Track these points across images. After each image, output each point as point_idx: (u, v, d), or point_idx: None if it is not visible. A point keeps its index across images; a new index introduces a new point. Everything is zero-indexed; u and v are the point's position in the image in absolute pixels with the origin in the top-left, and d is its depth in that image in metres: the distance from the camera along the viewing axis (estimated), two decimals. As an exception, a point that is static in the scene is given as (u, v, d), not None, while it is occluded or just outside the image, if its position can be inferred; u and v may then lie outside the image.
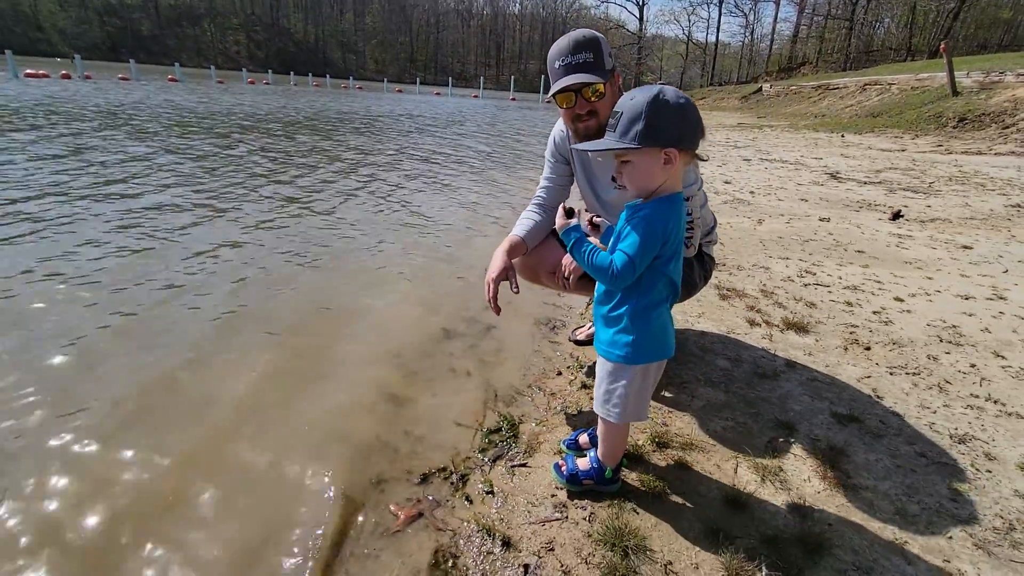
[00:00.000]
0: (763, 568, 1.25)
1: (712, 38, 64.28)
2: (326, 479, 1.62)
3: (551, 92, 1.67)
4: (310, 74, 50.43)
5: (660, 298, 1.25)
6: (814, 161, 9.03)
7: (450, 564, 1.32)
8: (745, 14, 61.35)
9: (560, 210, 1.33)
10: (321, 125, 12.59)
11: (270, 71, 47.26)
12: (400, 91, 48.30)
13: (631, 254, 1.17)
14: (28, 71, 23.30)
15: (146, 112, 12.23)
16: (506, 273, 1.77)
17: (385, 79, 55.22)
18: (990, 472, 1.61)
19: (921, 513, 1.44)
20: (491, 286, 1.73)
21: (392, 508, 1.52)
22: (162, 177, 5.53)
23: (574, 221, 1.30)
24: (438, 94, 48.36)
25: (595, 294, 1.36)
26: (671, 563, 1.28)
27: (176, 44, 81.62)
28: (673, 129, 1.16)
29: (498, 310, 1.73)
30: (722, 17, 61.73)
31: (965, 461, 1.66)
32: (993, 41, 39.62)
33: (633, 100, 1.16)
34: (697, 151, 1.24)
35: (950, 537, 1.36)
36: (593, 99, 1.63)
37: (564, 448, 1.69)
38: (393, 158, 8.17)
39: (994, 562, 1.29)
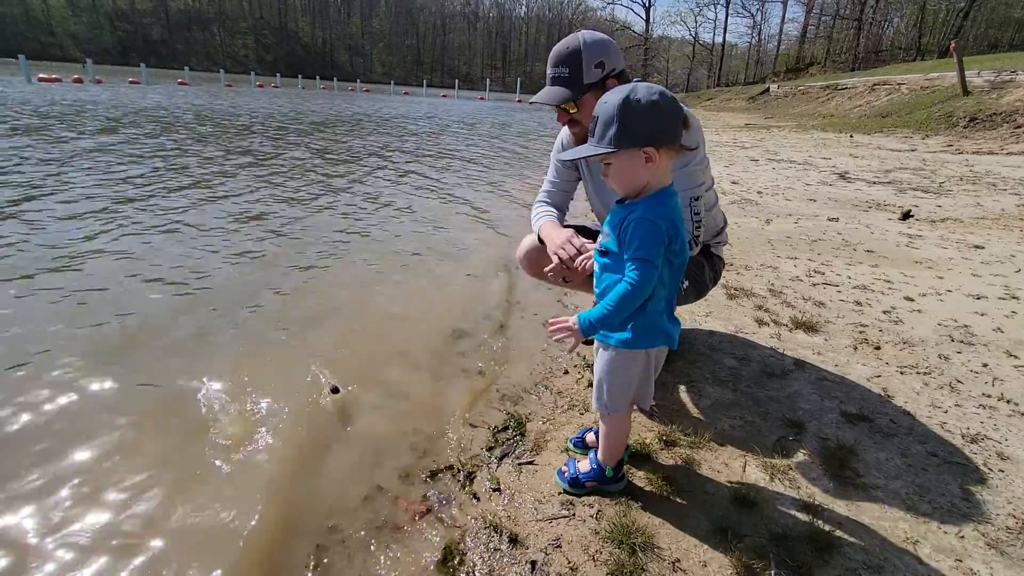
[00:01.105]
0: (772, 566, 1.24)
1: (719, 39, 64.10)
2: (334, 476, 1.63)
3: (531, 100, 1.73)
4: (318, 77, 50.85)
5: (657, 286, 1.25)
6: (822, 161, 8.97)
7: (458, 560, 1.32)
8: (752, 15, 61.11)
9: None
10: (343, 126, 12.66)
11: (278, 75, 47.57)
12: (407, 93, 48.49)
13: (641, 255, 1.17)
14: (41, 75, 23.60)
15: (190, 115, 12.43)
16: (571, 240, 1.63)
17: (392, 82, 55.45)
18: (1003, 472, 1.59)
19: (933, 512, 1.43)
20: (563, 255, 1.59)
21: (400, 504, 1.52)
22: (247, 178, 5.59)
23: (571, 318, 1.26)
24: (444, 96, 48.50)
25: (596, 288, 1.36)
26: (679, 560, 1.27)
27: (185, 48, 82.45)
28: (648, 127, 1.14)
29: (574, 274, 1.60)
30: (729, 18, 61.37)
31: (978, 460, 1.64)
32: (1004, 40, 39.19)
33: (606, 104, 1.16)
34: (684, 143, 1.22)
35: (962, 536, 1.35)
36: (572, 112, 1.67)
37: (571, 446, 1.69)
38: (419, 156, 8.21)
39: (1007, 561, 1.28)
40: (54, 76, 24.25)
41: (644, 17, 62.61)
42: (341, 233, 4.13)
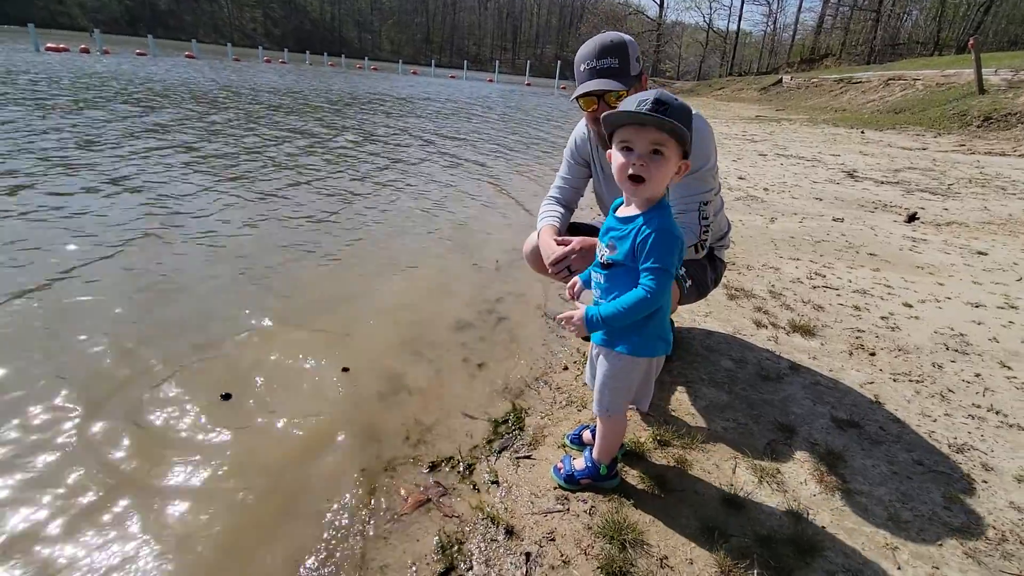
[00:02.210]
0: (755, 567, 1.30)
1: (733, 26, 63.00)
2: (335, 464, 1.69)
3: (575, 95, 1.70)
4: (325, 54, 50.23)
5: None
6: (831, 158, 8.91)
7: (455, 549, 1.38)
8: (768, 2, 59.93)
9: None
10: (363, 105, 12.60)
11: (286, 50, 47.11)
12: (416, 73, 47.99)
13: (662, 265, 1.19)
14: (49, 45, 23.45)
15: (228, 92, 12.34)
16: (564, 256, 1.71)
17: (400, 60, 54.74)
18: (986, 483, 1.64)
19: (914, 520, 1.48)
20: (555, 270, 1.72)
21: (401, 493, 1.58)
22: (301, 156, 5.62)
23: (578, 309, 1.30)
24: (453, 77, 48.01)
25: (595, 293, 1.38)
26: (667, 557, 1.33)
27: (193, 20, 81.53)
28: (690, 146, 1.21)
29: (568, 290, 1.61)
30: (744, 5, 60.40)
31: (962, 470, 1.69)
32: (1025, 37, 38.39)
33: (679, 102, 1.17)
34: None
35: (941, 545, 1.40)
36: (615, 105, 1.66)
37: (568, 443, 1.74)
38: (430, 140, 8.19)
39: (983, 571, 1.33)
40: (62, 45, 24.09)
41: (658, 1, 61.49)
42: (355, 217, 4.16)
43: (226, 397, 1.97)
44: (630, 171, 1.19)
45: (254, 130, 7.95)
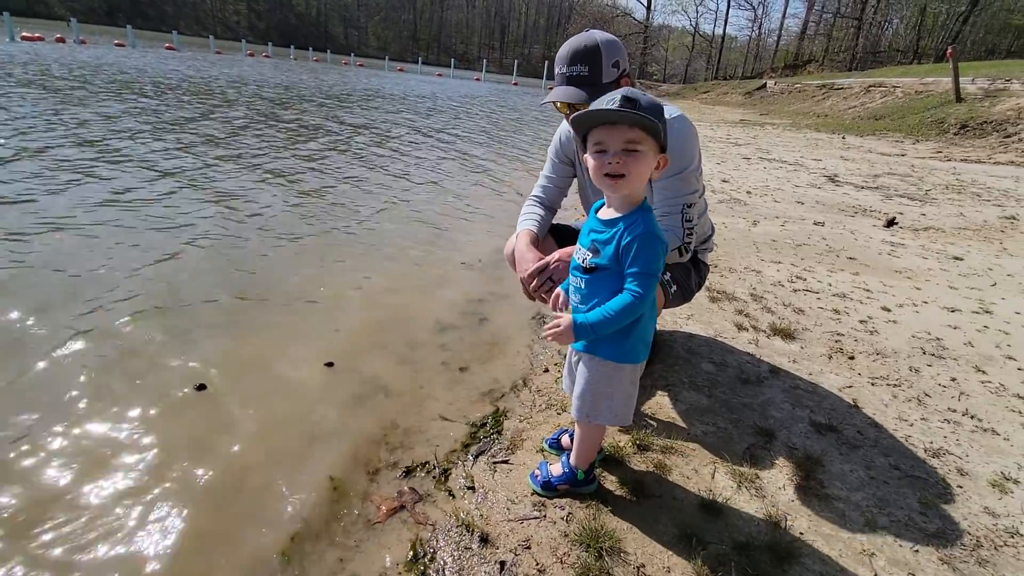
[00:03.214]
0: (732, 573, 1.28)
1: (719, 31, 63.73)
2: (309, 468, 1.64)
3: (544, 100, 1.68)
4: (311, 48, 49.60)
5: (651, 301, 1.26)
6: (813, 162, 9.03)
7: (428, 558, 1.34)
8: (753, 7, 60.68)
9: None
10: (359, 101, 12.43)
11: (270, 44, 46.45)
12: (402, 70, 47.64)
13: (649, 270, 1.17)
14: (24, 34, 22.83)
15: (229, 87, 12.04)
16: (546, 266, 1.65)
17: (387, 57, 54.28)
18: (961, 487, 1.65)
19: (890, 525, 1.48)
20: (531, 281, 1.64)
21: (374, 500, 1.54)
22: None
23: (565, 317, 1.25)
24: (440, 75, 47.75)
25: (573, 299, 1.35)
26: (644, 566, 1.31)
27: (174, 11, 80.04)
28: (665, 140, 1.19)
29: (545, 300, 1.62)
30: (730, 10, 60.93)
31: (938, 475, 1.70)
32: (1002, 47, 39.44)
33: (647, 97, 1.16)
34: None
35: (916, 551, 1.40)
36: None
37: (546, 447, 1.71)
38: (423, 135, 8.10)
39: (957, 577, 1.33)
40: (36, 35, 23.47)
41: (645, 4, 61.84)
42: (343, 211, 4.09)
43: (200, 388, 1.93)
44: (605, 170, 1.17)
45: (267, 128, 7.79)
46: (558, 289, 1.43)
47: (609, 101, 1.13)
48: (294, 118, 9.25)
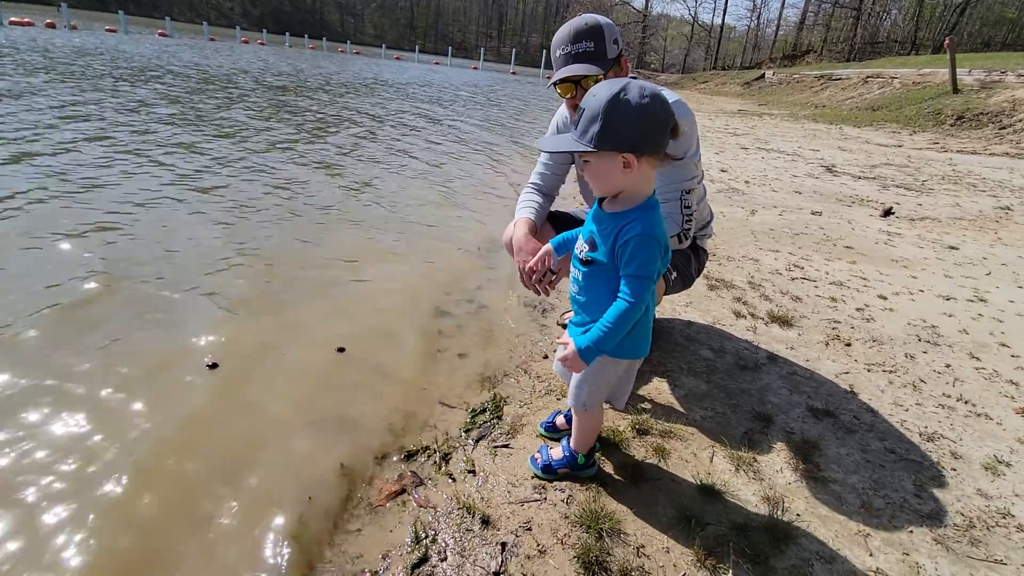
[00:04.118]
0: (731, 554, 1.30)
1: (718, 20, 63.35)
2: (311, 453, 1.65)
3: (551, 81, 1.66)
4: (306, 36, 49.05)
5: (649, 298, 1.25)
6: (811, 153, 9.03)
7: (430, 540, 1.35)
8: (753, -3, 60.36)
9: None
10: (372, 89, 12.32)
11: (265, 31, 45.86)
12: (399, 59, 47.18)
13: (644, 274, 1.14)
14: (12, 19, 22.46)
15: (237, 75, 11.88)
16: (544, 258, 1.59)
17: (384, 45, 53.72)
18: (955, 470, 1.67)
19: (886, 507, 1.50)
20: (530, 273, 1.58)
21: (376, 483, 1.55)
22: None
23: (569, 346, 1.22)
24: (437, 64, 47.34)
25: (572, 289, 1.32)
26: (643, 546, 1.32)
27: (167, -4, 78.82)
28: (632, 132, 1.07)
29: (546, 291, 1.62)
30: (729, -1, 60.56)
31: (932, 458, 1.72)
32: (997, 40, 39.34)
33: (595, 97, 1.08)
34: (669, 152, 1.13)
35: (911, 532, 1.42)
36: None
37: (542, 431, 1.72)
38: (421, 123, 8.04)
39: (952, 557, 1.36)
40: (26, 19, 23.09)
41: (644, -7, 61.33)
42: (345, 198, 4.07)
43: (213, 366, 1.97)
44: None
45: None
46: (548, 246, 1.44)
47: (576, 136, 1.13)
48: (321, 109, 9.17)
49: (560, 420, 1.70)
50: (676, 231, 1.72)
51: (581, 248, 1.26)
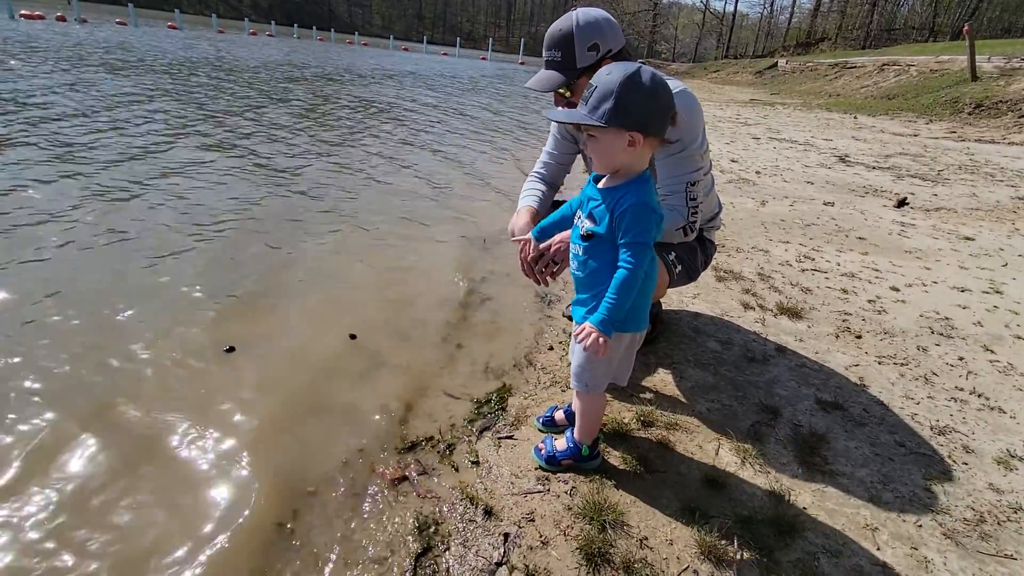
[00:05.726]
0: (735, 547, 1.29)
1: (730, 8, 62.32)
2: (316, 440, 1.66)
3: (525, 85, 1.73)
4: (314, 27, 48.99)
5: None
6: (824, 143, 8.88)
7: (433, 530, 1.35)
8: (766, -16, 59.19)
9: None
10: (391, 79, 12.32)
11: (273, 22, 45.85)
12: (407, 49, 47.00)
13: (642, 240, 1.19)
14: (23, 12, 22.61)
15: (267, 67, 11.94)
16: (524, 245, 1.63)
17: (392, 36, 53.52)
18: (967, 464, 1.65)
19: (894, 501, 1.48)
20: (533, 265, 1.60)
21: (381, 473, 1.55)
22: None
23: (584, 328, 1.22)
24: (445, 54, 47.09)
25: (572, 265, 1.36)
26: (647, 538, 1.32)
27: (177, -12, 78.96)
28: (642, 112, 1.14)
29: (545, 281, 1.63)
30: (742, -14, 59.49)
31: (943, 453, 1.69)
32: (1018, 26, 38.30)
33: (609, 75, 1.14)
34: (665, 136, 1.22)
35: (920, 525, 1.40)
36: (568, 96, 1.65)
37: (539, 426, 1.71)
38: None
39: (961, 552, 1.34)
40: (37, 13, 23.25)
41: (655, -20, 60.42)
42: (350, 185, 4.07)
43: (230, 350, 2.03)
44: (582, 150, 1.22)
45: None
46: (528, 235, 1.50)
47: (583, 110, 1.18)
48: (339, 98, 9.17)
49: (559, 415, 1.69)
50: (682, 224, 1.69)
51: (583, 224, 1.29)
